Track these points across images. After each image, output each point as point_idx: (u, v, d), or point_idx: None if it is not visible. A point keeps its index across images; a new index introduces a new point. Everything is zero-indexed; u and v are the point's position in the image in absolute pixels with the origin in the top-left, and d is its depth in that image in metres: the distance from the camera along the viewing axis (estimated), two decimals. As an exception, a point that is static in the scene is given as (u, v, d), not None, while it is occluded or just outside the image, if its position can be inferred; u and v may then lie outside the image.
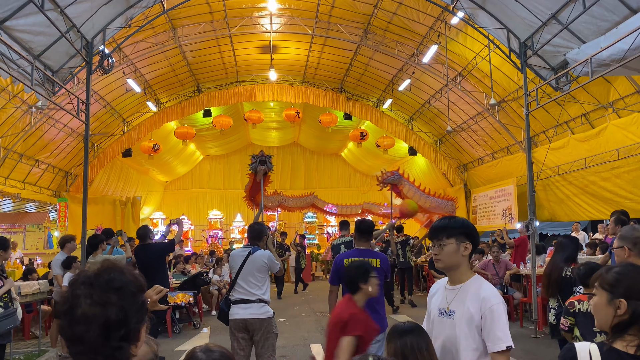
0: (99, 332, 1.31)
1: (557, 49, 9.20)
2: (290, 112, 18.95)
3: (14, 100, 12.90)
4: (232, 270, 5.00)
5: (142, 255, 7.53)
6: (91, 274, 1.38)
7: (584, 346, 1.86)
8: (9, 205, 16.87)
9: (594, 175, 12.84)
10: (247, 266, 4.83)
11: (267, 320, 4.80)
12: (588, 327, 3.63)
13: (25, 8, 7.69)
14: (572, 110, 13.09)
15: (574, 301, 3.88)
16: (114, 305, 1.33)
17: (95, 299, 1.33)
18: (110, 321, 1.32)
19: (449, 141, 19.97)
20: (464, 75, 15.64)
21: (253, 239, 5.05)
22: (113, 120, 18.44)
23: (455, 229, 2.39)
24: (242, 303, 4.79)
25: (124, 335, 1.34)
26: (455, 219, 2.46)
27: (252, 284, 4.81)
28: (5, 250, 5.50)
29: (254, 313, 4.75)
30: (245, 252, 4.93)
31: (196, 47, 16.62)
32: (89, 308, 1.32)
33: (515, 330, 8.72)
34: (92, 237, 7.77)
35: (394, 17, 14.70)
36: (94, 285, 1.35)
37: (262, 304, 4.80)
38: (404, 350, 2.11)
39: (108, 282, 1.36)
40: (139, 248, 7.68)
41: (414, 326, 2.23)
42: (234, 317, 4.81)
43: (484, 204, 18.88)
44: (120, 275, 1.39)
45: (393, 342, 2.17)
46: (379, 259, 4.46)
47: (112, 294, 1.34)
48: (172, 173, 25.93)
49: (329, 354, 3.21)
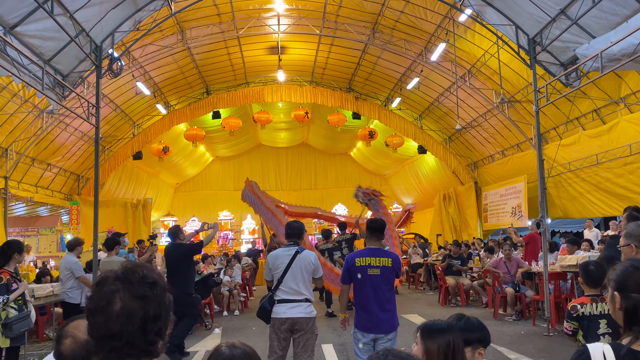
0: (139, 325, 1.34)
1: (567, 45, 9.13)
2: (299, 113, 18.97)
3: (26, 105, 13.05)
4: (275, 270, 4.86)
5: (170, 253, 7.49)
6: (122, 270, 1.41)
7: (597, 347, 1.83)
8: (22, 209, 17.08)
9: (606, 172, 12.72)
10: (295, 266, 4.78)
11: (312, 320, 4.80)
12: (592, 331, 3.55)
13: (35, 13, 7.78)
14: (582, 106, 12.98)
15: (576, 305, 3.74)
16: (152, 299, 1.37)
17: (134, 293, 1.35)
18: (148, 315, 1.35)
19: (458, 139, 19.88)
20: (473, 73, 15.56)
21: (294, 236, 4.97)
22: (123, 123, 18.57)
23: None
24: (289, 302, 4.75)
25: (157, 330, 1.38)
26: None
27: (300, 283, 4.78)
28: (20, 253, 5.55)
29: (301, 312, 4.73)
30: (291, 251, 4.84)
31: (204, 49, 16.69)
32: (129, 302, 1.34)
33: (527, 329, 8.67)
34: (111, 237, 7.85)
35: (402, 16, 14.66)
36: (131, 280, 1.38)
37: (309, 304, 4.80)
38: (445, 348, 2.03)
39: (143, 277, 1.39)
40: (170, 247, 7.64)
41: (451, 324, 2.15)
42: (280, 316, 4.75)
43: (494, 202, 18.78)
44: (151, 272, 1.42)
45: (434, 339, 2.07)
46: (390, 258, 4.46)
47: (148, 289, 1.37)
48: (182, 175, 26.07)
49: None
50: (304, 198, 27.30)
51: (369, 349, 4.34)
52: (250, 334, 8.88)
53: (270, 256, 5.00)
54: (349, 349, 7.26)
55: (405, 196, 26.80)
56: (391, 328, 4.39)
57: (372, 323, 4.34)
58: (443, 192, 21.51)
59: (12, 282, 5.34)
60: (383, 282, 4.39)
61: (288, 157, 27.56)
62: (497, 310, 9.94)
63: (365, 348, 4.36)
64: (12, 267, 5.46)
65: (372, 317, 4.35)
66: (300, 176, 27.79)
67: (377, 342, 4.36)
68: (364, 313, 4.38)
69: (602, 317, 3.63)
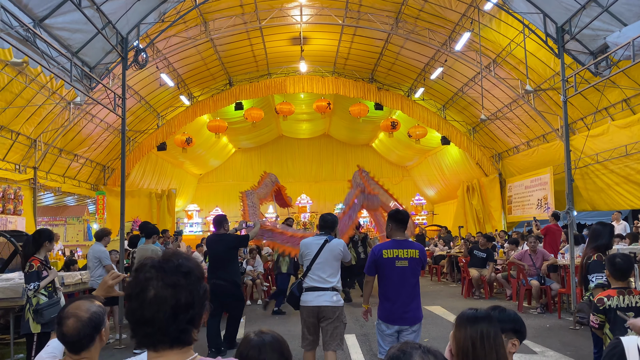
0: (170, 313, 1.38)
1: (597, 33, 8.90)
2: (321, 104, 18.93)
3: (53, 96, 13.30)
4: (304, 258, 5.07)
5: (215, 244, 7.22)
6: (159, 259, 1.45)
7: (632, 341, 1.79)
8: (50, 198, 17.46)
9: (635, 163, 12.43)
10: (324, 254, 4.95)
11: (339, 309, 4.94)
12: (619, 324, 3.50)
13: (64, 6, 7.89)
14: (611, 96, 12.67)
15: (603, 297, 3.68)
16: (184, 288, 1.40)
17: (167, 281, 1.39)
18: (180, 303, 1.39)
19: (482, 130, 19.62)
20: (498, 62, 15.31)
21: (326, 227, 5.17)
22: (147, 114, 18.81)
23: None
24: (316, 291, 4.92)
25: (189, 318, 1.41)
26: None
27: (328, 272, 4.94)
28: (50, 241, 5.68)
29: (327, 300, 4.88)
30: (321, 240, 5.03)
31: (227, 40, 16.75)
32: (161, 290, 1.39)
33: (553, 322, 8.56)
34: (149, 227, 7.98)
35: (426, 5, 14.47)
36: (165, 269, 1.42)
37: (335, 292, 4.95)
38: (474, 337, 2.01)
39: (178, 266, 1.43)
40: (213, 237, 7.37)
41: (486, 313, 2.12)
42: (308, 304, 4.93)
43: (518, 194, 18.52)
44: (187, 261, 1.45)
45: (464, 329, 2.07)
46: (417, 249, 4.43)
47: (181, 278, 1.41)
48: (206, 166, 26.32)
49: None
50: (324, 190, 27.36)
51: (392, 340, 4.33)
52: (273, 322, 8.95)
53: (302, 243, 5.19)
54: (371, 340, 7.27)
55: (428, 187, 26.63)
56: (416, 320, 4.37)
57: (397, 315, 4.33)
58: (467, 183, 21.29)
59: (43, 270, 5.47)
60: (411, 274, 4.37)
61: (309, 148, 27.59)
62: (522, 303, 9.83)
63: (389, 339, 4.35)
64: (42, 255, 5.59)
65: (397, 308, 4.33)
66: (321, 167, 27.82)
67: (402, 334, 4.34)
68: (389, 304, 4.37)
69: (629, 310, 3.56)
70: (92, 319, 2.20)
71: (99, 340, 2.24)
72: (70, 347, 2.20)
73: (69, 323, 2.17)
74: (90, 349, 2.21)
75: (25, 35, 7.22)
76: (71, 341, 2.18)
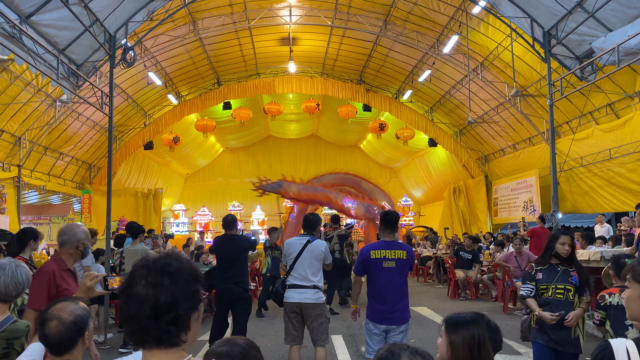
0: (150, 312, 1.38)
1: (583, 38, 9.04)
2: (310, 104, 18.93)
3: (39, 94, 13.14)
4: (287, 257, 5.23)
5: (224, 245, 6.64)
6: (151, 258, 1.47)
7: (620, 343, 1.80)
8: (34, 197, 17.24)
9: (619, 167, 12.60)
10: (306, 253, 5.11)
11: (320, 306, 5.08)
12: (619, 320, 3.60)
13: (51, 3, 7.82)
14: (596, 100, 12.85)
15: (604, 294, 3.83)
16: (166, 288, 1.40)
17: (149, 280, 1.40)
18: (158, 303, 1.38)
19: (469, 132, 19.77)
20: (485, 66, 15.44)
21: (309, 227, 5.35)
22: (134, 113, 18.66)
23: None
24: (298, 288, 5.08)
25: (172, 320, 1.40)
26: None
27: (309, 271, 5.10)
28: (35, 240, 5.60)
29: (308, 298, 5.04)
30: (303, 240, 5.22)
31: (216, 39, 16.68)
32: (142, 288, 1.40)
33: (537, 323, 8.64)
34: (134, 226, 7.87)
35: (414, 7, 14.55)
36: (150, 268, 1.43)
37: (316, 290, 5.10)
38: (470, 341, 1.98)
39: (163, 266, 1.43)
40: (223, 237, 6.79)
41: (477, 316, 2.09)
42: (289, 300, 5.10)
43: (504, 196, 18.69)
44: (177, 262, 1.46)
45: (458, 332, 2.03)
46: (405, 250, 4.48)
47: (165, 278, 1.41)
48: (193, 165, 26.18)
49: None
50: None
51: (380, 340, 4.38)
52: (260, 322, 8.93)
53: (285, 243, 5.37)
54: (358, 341, 7.30)
55: (415, 189, 26.76)
56: (403, 320, 4.42)
57: (385, 315, 4.37)
58: (453, 185, 21.44)
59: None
60: (398, 275, 4.42)
61: (298, 148, 27.57)
62: (507, 304, 9.93)
63: (377, 339, 4.39)
64: (27, 254, 5.51)
65: (385, 308, 4.37)
66: (309, 168, 27.78)
67: (389, 334, 4.39)
68: (377, 304, 4.41)
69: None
70: (75, 322, 2.19)
71: (82, 343, 2.23)
72: (52, 349, 2.19)
73: (51, 325, 2.15)
74: (73, 352, 2.20)
75: (11, 32, 7.14)
76: (53, 343, 2.17)
